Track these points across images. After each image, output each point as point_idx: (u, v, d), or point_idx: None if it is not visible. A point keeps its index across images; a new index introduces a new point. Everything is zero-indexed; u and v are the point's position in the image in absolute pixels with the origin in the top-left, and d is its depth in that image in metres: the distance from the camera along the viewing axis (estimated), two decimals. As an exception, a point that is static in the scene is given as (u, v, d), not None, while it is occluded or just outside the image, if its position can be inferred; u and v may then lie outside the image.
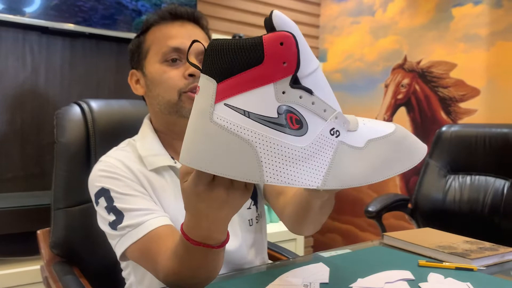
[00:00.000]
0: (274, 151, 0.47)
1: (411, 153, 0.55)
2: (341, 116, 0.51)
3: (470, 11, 2.17)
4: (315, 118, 0.49)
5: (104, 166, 0.88)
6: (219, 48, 0.46)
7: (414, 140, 0.57)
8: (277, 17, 0.46)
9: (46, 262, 1.11)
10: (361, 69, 2.75)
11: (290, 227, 0.94)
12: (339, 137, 0.51)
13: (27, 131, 1.86)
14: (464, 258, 0.86)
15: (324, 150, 0.50)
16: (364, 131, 0.54)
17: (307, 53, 0.48)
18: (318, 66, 0.50)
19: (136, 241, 0.79)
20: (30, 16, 1.78)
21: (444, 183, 1.91)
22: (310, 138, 0.49)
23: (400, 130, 0.56)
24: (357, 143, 0.53)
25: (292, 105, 0.47)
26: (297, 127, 0.48)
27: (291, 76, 0.46)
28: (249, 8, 2.67)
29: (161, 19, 0.93)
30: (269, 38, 0.45)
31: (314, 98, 0.49)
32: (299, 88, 0.47)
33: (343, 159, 0.51)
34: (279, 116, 0.47)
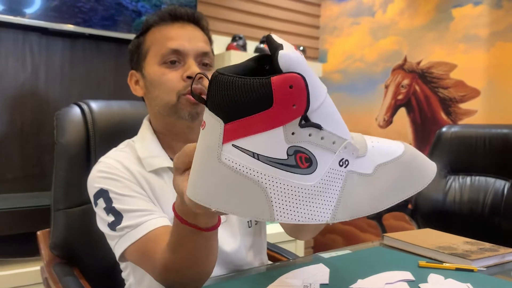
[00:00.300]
0: (283, 192, 0.47)
1: (421, 175, 0.54)
2: (350, 145, 0.49)
3: (470, 11, 2.17)
4: (324, 152, 0.48)
5: (103, 167, 0.88)
6: (225, 84, 0.45)
7: (422, 160, 0.55)
8: (283, 58, 0.44)
9: (46, 263, 1.11)
10: (361, 70, 2.75)
11: (288, 232, 0.95)
12: (348, 167, 0.50)
13: (27, 131, 1.86)
14: (464, 259, 0.86)
15: (334, 183, 0.49)
16: (372, 156, 0.52)
17: (316, 86, 0.45)
18: (326, 95, 0.47)
19: (134, 242, 0.79)
20: (30, 17, 1.78)
21: (444, 184, 1.91)
22: (320, 174, 0.48)
23: (409, 151, 0.55)
24: (366, 169, 0.51)
25: (301, 145, 0.46)
26: (306, 165, 0.47)
27: (301, 117, 0.45)
28: (249, 9, 2.67)
29: (160, 20, 0.92)
30: (278, 81, 0.43)
31: (323, 132, 0.47)
32: (308, 126, 0.46)
33: (353, 189, 0.50)
34: (288, 157, 0.46)
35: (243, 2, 2.64)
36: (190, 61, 0.88)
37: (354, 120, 2.77)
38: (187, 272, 0.70)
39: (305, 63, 0.44)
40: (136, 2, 2.02)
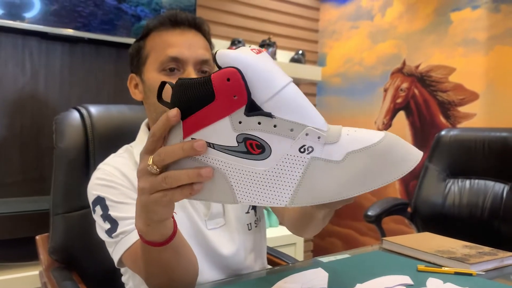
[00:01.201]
0: (240, 176, 0.52)
1: (395, 165, 0.51)
2: (313, 132, 0.51)
3: (468, 15, 2.18)
4: (279, 139, 0.51)
5: (100, 174, 0.88)
6: (180, 87, 0.51)
7: (403, 150, 0.52)
8: (219, 56, 0.50)
9: (45, 268, 1.11)
10: (360, 73, 2.76)
11: (291, 230, 0.96)
12: (312, 153, 0.51)
13: (27, 136, 1.86)
14: (463, 262, 0.86)
15: (292, 169, 0.51)
16: (345, 143, 0.52)
17: (264, 79, 0.50)
18: (283, 87, 0.51)
19: (128, 248, 0.79)
20: (29, 21, 1.78)
21: (443, 187, 1.91)
22: (274, 160, 0.51)
23: (389, 139, 0.52)
24: (335, 156, 0.52)
25: (250, 132, 0.51)
26: (258, 152, 0.51)
27: (245, 106, 0.50)
28: (249, 13, 2.67)
29: (161, 25, 0.91)
30: (216, 76, 0.49)
31: (276, 120, 0.50)
32: (257, 114, 0.50)
33: (317, 175, 0.51)
34: (239, 144, 0.51)
35: (242, 6, 2.65)
36: (190, 69, 0.87)
37: (353, 123, 2.77)
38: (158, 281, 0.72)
39: (249, 59, 0.50)
40: (135, 6, 2.02)
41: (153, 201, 0.54)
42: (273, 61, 0.54)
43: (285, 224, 0.97)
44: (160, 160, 0.52)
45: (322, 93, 3.02)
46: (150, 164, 0.53)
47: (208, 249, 0.90)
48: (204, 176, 0.51)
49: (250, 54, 0.51)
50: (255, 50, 0.52)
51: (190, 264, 0.73)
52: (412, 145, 0.54)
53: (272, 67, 0.52)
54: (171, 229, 0.64)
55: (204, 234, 0.90)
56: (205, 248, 0.89)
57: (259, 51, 0.53)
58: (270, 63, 0.52)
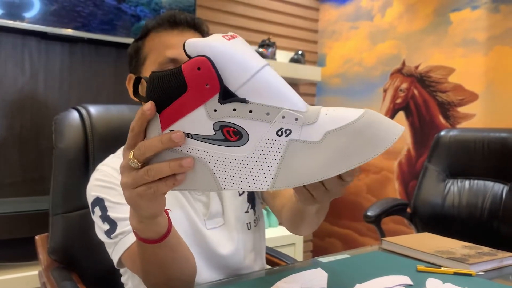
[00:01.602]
0: (221, 163, 0.52)
1: (374, 142, 0.50)
2: (289, 114, 0.50)
3: (468, 16, 2.18)
4: (256, 124, 0.51)
5: (99, 175, 0.88)
6: (154, 80, 0.51)
7: (382, 126, 0.51)
8: (188, 45, 0.50)
9: (44, 268, 1.11)
10: (359, 74, 2.76)
11: (288, 228, 0.96)
12: (290, 135, 0.51)
13: (26, 136, 1.86)
14: (463, 263, 0.86)
15: (271, 153, 0.51)
16: (323, 123, 0.51)
17: (237, 64, 0.50)
18: (257, 71, 0.50)
19: (127, 249, 0.80)
20: (29, 21, 1.78)
21: (443, 188, 1.91)
22: (252, 145, 0.51)
23: (368, 116, 0.51)
24: (313, 137, 0.51)
25: (226, 120, 0.51)
26: (236, 138, 0.51)
27: (218, 94, 0.50)
28: (248, 13, 2.67)
29: (159, 26, 0.91)
30: (187, 67, 0.49)
31: (251, 105, 0.50)
32: (231, 101, 0.50)
33: (296, 157, 0.51)
34: (216, 132, 0.51)
35: (242, 6, 2.65)
36: None
37: (353, 124, 2.77)
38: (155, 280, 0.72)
39: (219, 46, 0.50)
40: (135, 6, 2.02)
41: (137, 195, 0.54)
42: (247, 46, 0.54)
43: (283, 223, 0.97)
44: (140, 154, 0.52)
45: (322, 94, 3.02)
46: (131, 159, 0.53)
47: (207, 249, 0.90)
48: (185, 166, 0.51)
49: (220, 41, 0.51)
50: (227, 36, 0.52)
51: (186, 263, 0.73)
52: (393, 121, 0.53)
53: (245, 52, 0.51)
54: (165, 227, 0.64)
55: (203, 233, 0.90)
56: (203, 248, 0.89)
57: (232, 37, 0.52)
58: (242, 48, 0.52)
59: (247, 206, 0.98)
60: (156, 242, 0.63)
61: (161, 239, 0.64)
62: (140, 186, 0.54)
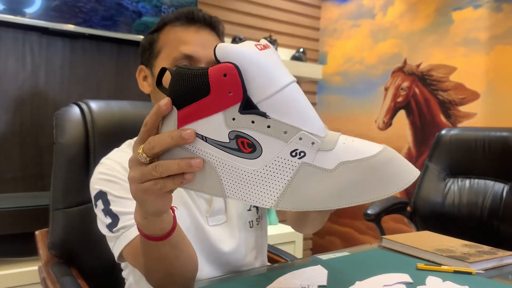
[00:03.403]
0: (230, 172, 0.52)
1: (389, 181, 0.49)
2: (307, 137, 0.50)
3: (469, 15, 2.18)
4: (271, 140, 0.50)
5: (103, 168, 0.88)
6: (179, 76, 0.51)
7: (399, 166, 0.50)
8: (219, 49, 0.49)
9: (44, 263, 1.11)
10: (361, 72, 2.75)
11: (293, 227, 0.97)
12: (304, 158, 0.50)
13: (27, 131, 1.86)
14: (463, 261, 0.86)
15: (282, 172, 0.50)
16: (339, 152, 0.50)
17: (264, 77, 0.49)
18: (283, 87, 0.50)
19: (129, 243, 0.79)
20: (30, 16, 1.78)
21: (443, 187, 1.91)
22: (264, 161, 0.50)
23: (386, 154, 0.50)
24: (327, 164, 0.50)
25: (242, 130, 0.50)
26: (249, 150, 0.51)
27: (240, 103, 0.49)
28: (250, 10, 2.67)
29: (176, 20, 0.91)
30: (213, 71, 0.49)
31: (270, 121, 0.49)
32: (251, 113, 0.49)
33: (305, 181, 0.50)
34: (230, 141, 0.51)
35: (243, 3, 2.64)
36: None
37: (354, 122, 2.77)
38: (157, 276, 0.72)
39: (250, 55, 0.49)
40: (136, 2, 2.02)
41: (143, 190, 0.54)
42: (278, 58, 0.53)
43: (287, 221, 0.97)
44: (149, 148, 0.52)
45: (323, 92, 3.02)
46: (140, 153, 0.52)
47: (208, 246, 0.90)
48: (194, 166, 0.51)
49: (252, 50, 0.50)
50: (259, 46, 0.51)
51: (189, 260, 0.73)
52: (409, 163, 0.52)
53: (275, 65, 0.51)
54: (170, 224, 0.63)
55: (205, 230, 0.90)
56: (205, 245, 0.89)
57: (264, 47, 0.51)
58: (273, 61, 0.51)
59: (250, 205, 0.98)
60: (159, 239, 0.63)
61: (165, 237, 0.63)
62: (147, 181, 0.53)
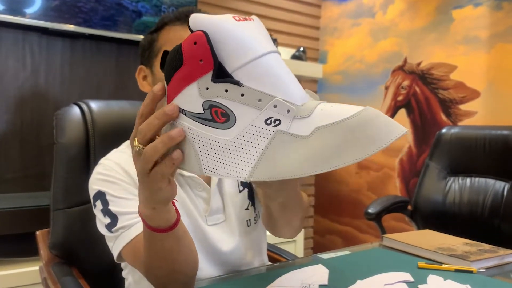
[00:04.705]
0: (206, 145, 0.50)
1: (369, 139, 0.45)
2: (282, 104, 0.48)
3: (470, 13, 2.17)
4: (245, 109, 0.48)
5: (102, 169, 0.88)
6: (165, 55, 0.52)
7: (381, 124, 0.46)
8: (192, 19, 0.49)
9: (45, 263, 1.11)
10: (361, 71, 2.75)
11: (266, 228, 0.96)
12: (279, 126, 0.48)
13: (27, 132, 1.86)
14: (464, 260, 0.86)
15: (256, 141, 0.48)
16: (316, 118, 0.48)
17: (238, 45, 0.48)
18: (259, 56, 0.49)
19: (128, 243, 0.80)
20: (30, 17, 1.78)
21: (444, 185, 1.91)
22: (238, 130, 0.49)
23: (366, 114, 0.47)
24: (302, 131, 0.47)
25: (216, 100, 0.49)
26: (223, 120, 0.49)
27: (211, 71, 0.48)
28: (250, 9, 2.67)
29: (176, 20, 0.91)
30: (185, 40, 0.48)
31: (244, 89, 0.48)
32: (224, 82, 0.48)
33: (280, 150, 0.48)
34: (204, 111, 0.49)
35: (243, 3, 2.64)
36: None
37: (354, 121, 2.77)
38: (159, 273, 0.72)
39: (223, 24, 0.48)
40: (136, 2, 2.02)
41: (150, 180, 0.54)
42: (258, 29, 0.51)
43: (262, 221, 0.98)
44: (142, 136, 0.51)
45: (323, 91, 3.02)
46: (136, 145, 0.52)
47: (207, 245, 0.90)
48: (175, 136, 0.50)
49: (226, 19, 0.49)
50: (237, 17, 0.50)
51: (190, 255, 0.74)
52: (395, 121, 0.48)
53: (253, 35, 0.49)
54: (175, 215, 0.64)
55: (204, 230, 0.90)
56: (204, 244, 0.89)
57: (245, 19, 0.50)
58: (250, 31, 0.49)
59: (248, 203, 0.98)
60: (165, 230, 0.64)
61: (170, 228, 0.64)
62: (150, 170, 0.53)
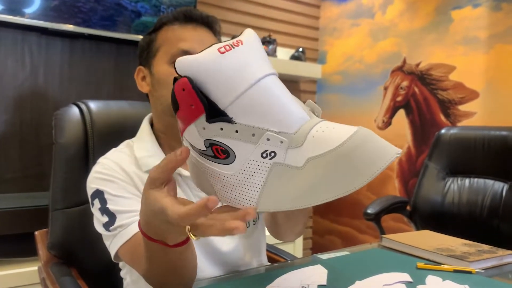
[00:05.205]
0: (215, 177, 0.53)
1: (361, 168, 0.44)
2: (274, 137, 0.48)
3: (469, 14, 2.18)
4: (242, 145, 0.49)
5: (100, 168, 0.88)
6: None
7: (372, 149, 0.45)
8: (178, 63, 0.51)
9: (44, 263, 1.11)
10: (360, 71, 2.75)
11: (269, 232, 0.97)
12: (275, 158, 0.49)
13: (26, 132, 1.86)
14: (463, 260, 0.86)
15: (256, 174, 0.50)
16: (307, 147, 0.47)
17: (226, 81, 0.48)
18: (246, 89, 0.48)
19: (126, 242, 0.79)
20: (29, 17, 1.77)
21: (443, 186, 1.91)
22: (238, 164, 0.50)
23: (355, 139, 0.46)
24: (297, 162, 0.48)
25: (214, 138, 0.50)
26: (223, 156, 0.51)
27: (204, 114, 0.49)
28: (249, 10, 2.67)
29: (174, 19, 0.92)
30: (176, 87, 0.50)
31: (237, 126, 0.49)
32: (217, 121, 0.49)
33: (279, 181, 0.49)
34: (207, 149, 0.51)
35: (242, 3, 2.64)
36: None
37: (353, 121, 2.77)
38: (164, 279, 0.71)
39: (206, 63, 0.49)
40: (135, 2, 2.02)
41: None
42: (249, 53, 0.51)
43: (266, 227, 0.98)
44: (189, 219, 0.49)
45: (322, 91, 3.02)
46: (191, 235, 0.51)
47: (206, 245, 0.90)
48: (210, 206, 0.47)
49: (210, 57, 0.49)
50: (222, 48, 0.49)
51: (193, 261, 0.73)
52: (387, 142, 0.47)
53: (239, 65, 0.49)
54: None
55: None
56: (203, 244, 0.89)
57: (232, 46, 0.50)
58: (237, 61, 0.49)
59: None
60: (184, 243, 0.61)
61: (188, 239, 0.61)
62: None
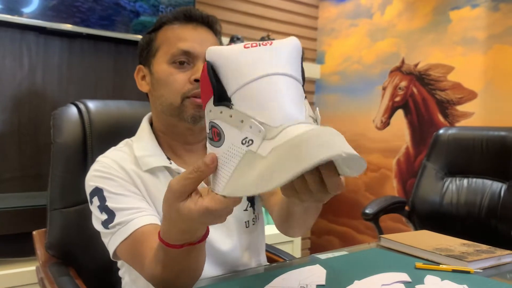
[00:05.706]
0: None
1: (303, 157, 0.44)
2: (255, 126, 0.50)
3: (467, 14, 2.18)
4: (231, 129, 0.53)
5: (99, 166, 0.88)
6: None
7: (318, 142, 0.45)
8: (207, 51, 0.55)
9: (42, 263, 1.10)
10: (359, 72, 2.75)
11: (278, 227, 0.95)
12: (250, 146, 0.51)
13: (24, 131, 1.85)
14: (461, 260, 0.86)
15: (233, 159, 0.53)
16: (278, 138, 0.49)
17: (237, 70, 0.53)
18: (253, 80, 0.52)
19: (125, 239, 0.79)
20: (28, 16, 1.77)
21: (441, 186, 1.92)
22: (224, 148, 0.54)
23: (313, 132, 0.47)
24: (264, 151, 0.50)
25: (214, 121, 0.54)
26: (217, 139, 0.55)
27: (212, 97, 0.54)
28: (248, 10, 2.67)
29: (174, 19, 0.92)
30: (201, 70, 0.56)
31: (232, 111, 0.53)
32: (220, 105, 0.53)
33: (245, 168, 0.51)
34: (209, 131, 0.56)
35: (241, 3, 2.64)
36: (199, 64, 0.88)
37: (352, 121, 2.77)
38: (177, 280, 0.72)
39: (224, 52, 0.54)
40: (134, 2, 2.01)
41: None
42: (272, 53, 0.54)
43: (273, 220, 0.97)
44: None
45: (321, 91, 3.02)
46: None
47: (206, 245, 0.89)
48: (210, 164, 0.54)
49: (234, 48, 0.54)
50: (248, 45, 0.54)
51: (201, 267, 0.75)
52: (343, 142, 0.46)
53: (255, 59, 0.53)
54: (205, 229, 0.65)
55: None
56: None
57: (256, 45, 0.54)
58: (255, 55, 0.53)
59: (246, 204, 0.98)
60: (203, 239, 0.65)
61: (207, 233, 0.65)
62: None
